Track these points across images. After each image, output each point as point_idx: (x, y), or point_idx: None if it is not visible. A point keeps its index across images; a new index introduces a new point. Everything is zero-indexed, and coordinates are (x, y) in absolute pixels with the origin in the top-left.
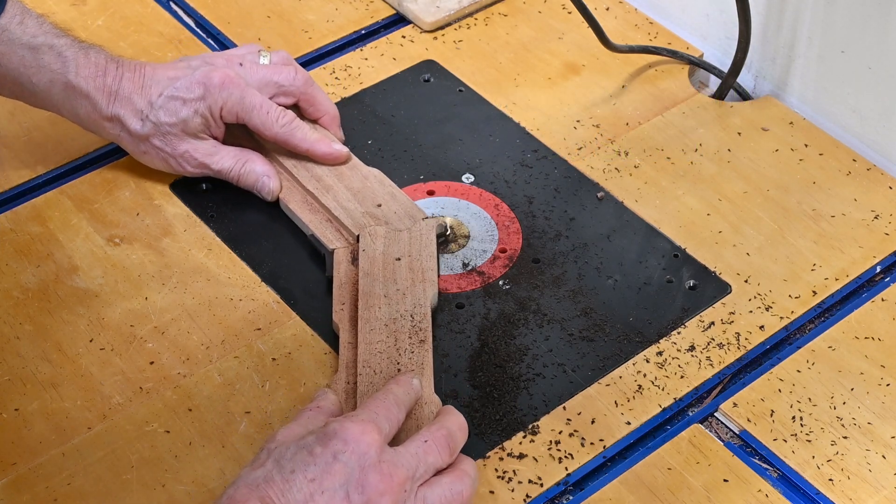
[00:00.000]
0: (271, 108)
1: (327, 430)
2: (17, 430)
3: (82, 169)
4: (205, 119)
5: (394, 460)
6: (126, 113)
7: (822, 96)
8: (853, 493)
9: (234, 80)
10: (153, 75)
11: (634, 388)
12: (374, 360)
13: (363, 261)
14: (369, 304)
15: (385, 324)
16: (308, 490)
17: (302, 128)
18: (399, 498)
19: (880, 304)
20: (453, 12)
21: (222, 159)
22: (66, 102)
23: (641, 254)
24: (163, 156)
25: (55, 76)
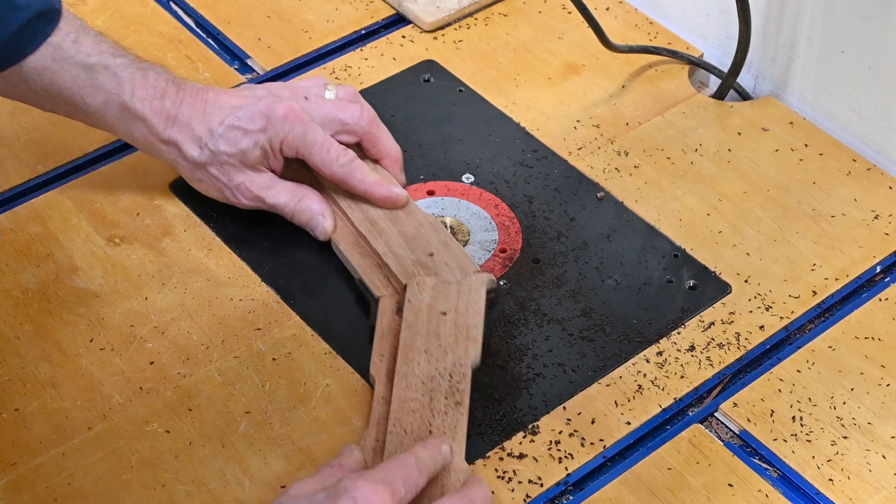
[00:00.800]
0: (332, 146)
1: (339, 486)
2: (17, 430)
3: (82, 169)
4: (264, 151)
5: None
6: (184, 139)
7: (822, 96)
8: (853, 493)
9: (297, 113)
10: (215, 102)
11: (634, 388)
12: (407, 418)
13: (408, 312)
14: (408, 359)
15: (422, 381)
16: None
17: (361, 169)
18: None
19: (880, 304)
20: (453, 12)
21: (278, 194)
22: (121, 124)
23: (641, 254)
24: (218, 186)
25: (110, 97)
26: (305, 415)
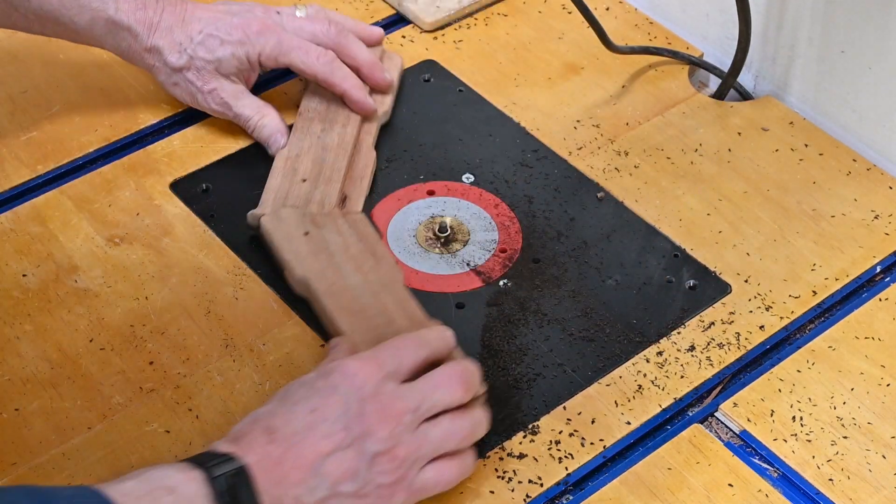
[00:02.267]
0: (310, 47)
1: (328, 366)
2: (17, 429)
3: (82, 169)
4: (240, 62)
5: (394, 393)
6: (165, 44)
7: (822, 96)
8: (853, 493)
9: (271, 26)
10: (194, 12)
11: (634, 388)
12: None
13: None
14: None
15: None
16: (310, 419)
17: (342, 69)
18: (397, 429)
19: (880, 304)
20: (453, 12)
21: (245, 106)
22: (109, 37)
23: (641, 254)
24: (192, 90)
25: (97, 13)
26: None
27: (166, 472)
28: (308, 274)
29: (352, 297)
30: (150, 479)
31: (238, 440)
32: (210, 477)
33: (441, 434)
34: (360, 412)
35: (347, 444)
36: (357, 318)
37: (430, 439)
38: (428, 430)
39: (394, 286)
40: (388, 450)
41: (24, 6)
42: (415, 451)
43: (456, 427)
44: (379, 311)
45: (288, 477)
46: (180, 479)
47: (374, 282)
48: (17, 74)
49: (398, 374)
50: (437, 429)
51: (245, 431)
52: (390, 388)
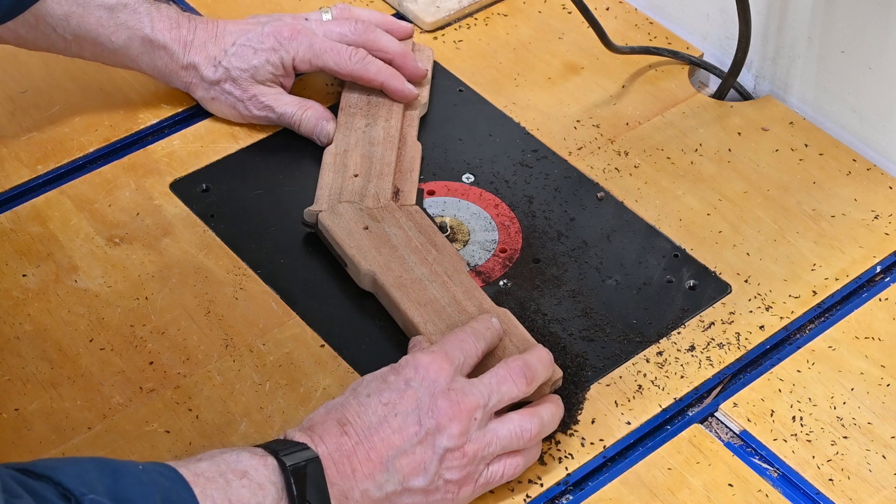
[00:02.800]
0: (341, 48)
1: (401, 361)
2: (17, 430)
3: (82, 169)
4: (275, 68)
5: (464, 389)
6: (201, 60)
7: (822, 96)
8: (853, 493)
9: (302, 30)
10: (225, 27)
11: (634, 388)
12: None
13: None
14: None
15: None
16: (382, 412)
17: (375, 63)
18: (468, 425)
19: (880, 304)
20: (453, 12)
21: (286, 104)
22: (145, 56)
23: (641, 254)
24: (231, 101)
25: (133, 32)
26: (305, 415)
27: (240, 455)
28: (374, 268)
29: (420, 288)
30: (224, 462)
31: (312, 429)
32: (283, 464)
33: (509, 433)
34: (433, 407)
35: (420, 440)
36: (427, 308)
37: (499, 437)
38: (497, 429)
39: (459, 275)
40: (459, 446)
41: (63, 27)
42: (484, 447)
43: (525, 427)
44: (449, 301)
45: (358, 470)
46: (253, 464)
47: (439, 272)
48: (17, 74)
49: (465, 367)
50: (506, 428)
51: (318, 421)
52: (460, 384)
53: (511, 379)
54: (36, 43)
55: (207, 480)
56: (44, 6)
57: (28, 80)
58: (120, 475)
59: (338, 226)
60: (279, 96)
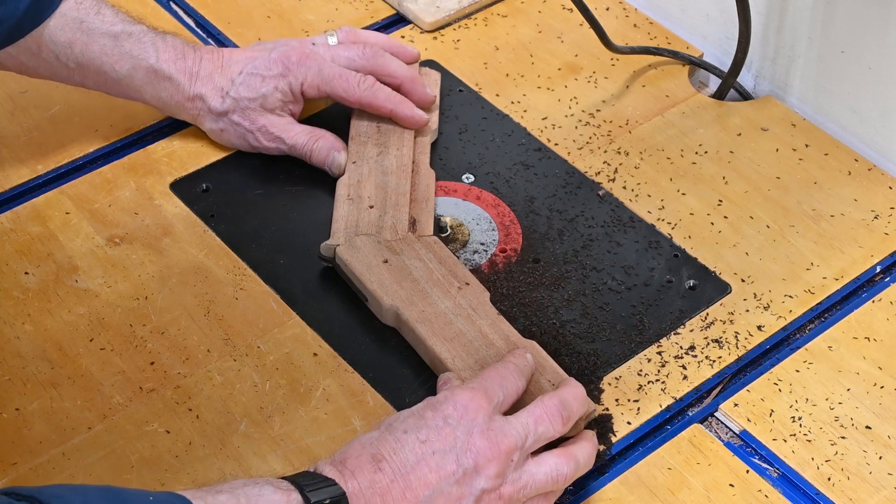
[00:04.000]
0: (350, 75)
1: (439, 397)
2: (17, 430)
3: (82, 169)
4: (284, 95)
5: (503, 429)
6: (207, 91)
7: (822, 96)
8: (853, 493)
9: (310, 55)
10: (231, 56)
11: (634, 388)
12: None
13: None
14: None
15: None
16: (420, 451)
17: (384, 90)
18: (505, 466)
19: (880, 305)
20: (453, 12)
21: (297, 135)
22: (149, 87)
23: (641, 254)
24: (240, 131)
25: (137, 62)
26: (305, 415)
27: (263, 489)
28: (397, 302)
29: (445, 322)
30: (244, 495)
31: (343, 463)
32: (307, 501)
33: (545, 477)
34: (471, 446)
35: (457, 479)
36: (454, 343)
37: (535, 481)
38: (534, 472)
39: (483, 307)
40: (496, 488)
41: (66, 54)
42: (519, 491)
43: (561, 471)
44: (476, 335)
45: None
46: (275, 500)
47: (464, 305)
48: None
49: (503, 405)
50: (542, 471)
51: (351, 455)
52: (498, 423)
53: (548, 419)
54: (38, 70)
55: None
56: (46, 32)
57: (28, 80)
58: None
59: (357, 260)
60: (289, 126)
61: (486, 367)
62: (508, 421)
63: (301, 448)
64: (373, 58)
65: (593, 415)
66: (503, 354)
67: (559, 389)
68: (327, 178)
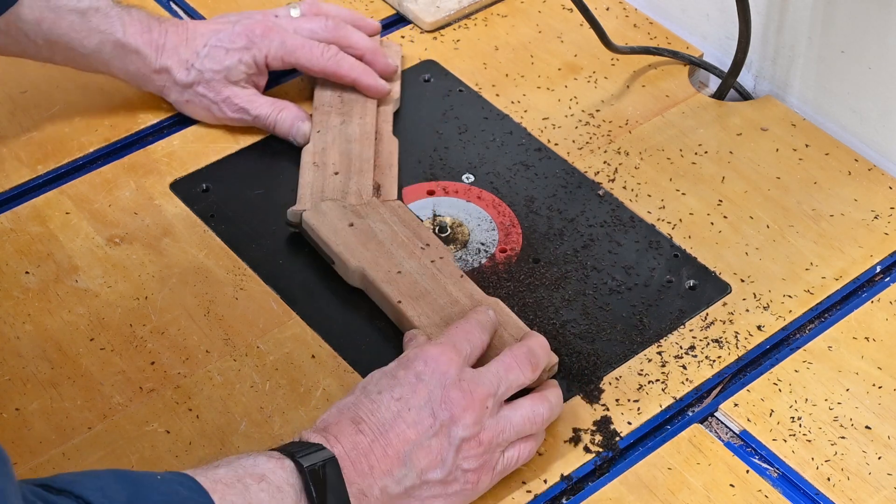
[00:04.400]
0: (313, 45)
1: (408, 354)
2: (18, 430)
3: (82, 169)
4: (248, 67)
5: (475, 378)
6: (173, 64)
7: (822, 96)
8: (853, 493)
9: (273, 28)
10: (196, 29)
11: (635, 388)
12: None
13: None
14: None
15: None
16: (395, 408)
17: (347, 59)
18: (481, 414)
19: (880, 305)
20: (453, 12)
21: (260, 106)
22: (117, 60)
23: (641, 254)
24: (206, 103)
25: (105, 37)
26: (305, 415)
27: (257, 459)
28: (363, 263)
29: (411, 281)
30: (241, 467)
31: (326, 429)
32: (300, 466)
33: (522, 419)
34: (446, 399)
35: (435, 432)
36: (420, 302)
37: (513, 424)
38: (510, 415)
39: (448, 267)
40: (474, 435)
41: (34, 32)
42: (498, 434)
43: (537, 411)
44: (441, 293)
45: (375, 467)
46: (270, 467)
47: (428, 265)
48: (17, 74)
49: (471, 358)
50: (518, 413)
51: (332, 421)
52: (469, 374)
53: (517, 366)
54: (7, 48)
55: (226, 486)
56: (16, 11)
57: (28, 80)
58: (139, 486)
59: (323, 224)
60: (253, 97)
61: (451, 324)
62: (479, 371)
63: None
64: (335, 29)
65: (555, 368)
66: (467, 311)
67: (525, 340)
68: None
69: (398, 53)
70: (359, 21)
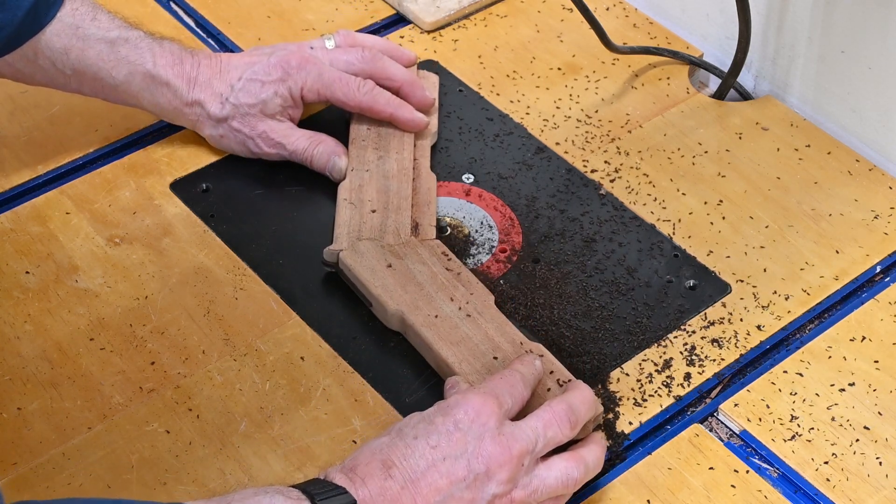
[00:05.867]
0: (350, 79)
1: (449, 401)
2: (18, 429)
3: (82, 169)
4: (284, 100)
5: (513, 433)
6: (206, 97)
7: (822, 96)
8: (853, 493)
9: (310, 59)
10: (230, 62)
11: (635, 388)
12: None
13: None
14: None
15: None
16: (430, 457)
17: (384, 94)
18: (516, 471)
19: (879, 305)
20: (453, 12)
21: (297, 140)
22: (146, 93)
23: (641, 254)
24: (241, 138)
25: (134, 67)
26: (305, 415)
27: (274, 499)
28: (402, 307)
29: (451, 326)
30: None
31: (354, 470)
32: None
33: (556, 482)
34: (483, 452)
35: (468, 485)
36: (461, 347)
37: (546, 486)
38: (545, 476)
39: (488, 311)
40: (507, 493)
41: (62, 61)
42: (530, 495)
43: (571, 475)
44: (482, 339)
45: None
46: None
47: (468, 309)
48: None
49: (512, 412)
50: (553, 476)
51: (361, 462)
52: (509, 428)
53: (557, 424)
54: (34, 77)
55: None
56: (42, 39)
57: None
58: None
59: (360, 265)
60: (289, 132)
61: (494, 374)
62: (518, 426)
63: (301, 448)
64: (371, 61)
65: (601, 418)
66: (511, 358)
67: (567, 394)
68: (327, 179)
69: (435, 85)
70: (394, 51)
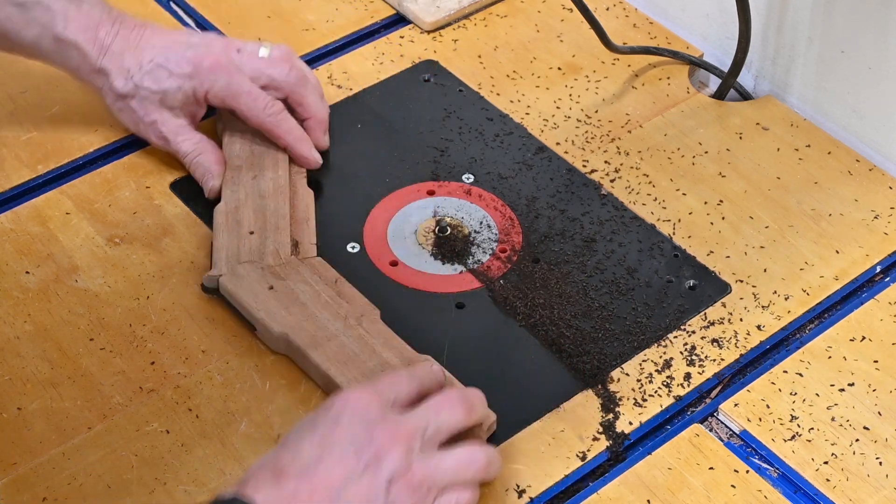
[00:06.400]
0: (260, 95)
1: (327, 402)
2: (18, 429)
3: (82, 169)
4: (186, 97)
5: (399, 419)
6: (113, 69)
7: (822, 96)
8: (853, 493)
9: (223, 64)
10: (150, 39)
11: (635, 388)
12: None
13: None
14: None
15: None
16: (317, 453)
17: (288, 121)
18: (408, 449)
19: (879, 305)
20: (453, 12)
21: (184, 142)
22: (56, 55)
23: (641, 254)
24: (135, 119)
25: (43, 30)
26: (305, 415)
27: None
28: (286, 329)
29: (338, 345)
30: None
31: (244, 483)
32: None
33: (455, 464)
34: (370, 437)
35: (361, 471)
36: (349, 366)
37: (445, 467)
38: (443, 458)
39: (374, 325)
40: (404, 473)
41: None
42: (430, 476)
43: (473, 458)
44: (369, 355)
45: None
46: None
47: (355, 326)
48: (17, 74)
49: (397, 403)
50: (452, 458)
51: (251, 475)
52: (394, 414)
53: (448, 406)
54: None
55: None
56: None
57: (28, 80)
58: None
59: (241, 289)
60: (179, 130)
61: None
62: (405, 412)
63: None
64: (296, 84)
65: (493, 427)
66: None
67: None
68: (327, 180)
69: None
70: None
